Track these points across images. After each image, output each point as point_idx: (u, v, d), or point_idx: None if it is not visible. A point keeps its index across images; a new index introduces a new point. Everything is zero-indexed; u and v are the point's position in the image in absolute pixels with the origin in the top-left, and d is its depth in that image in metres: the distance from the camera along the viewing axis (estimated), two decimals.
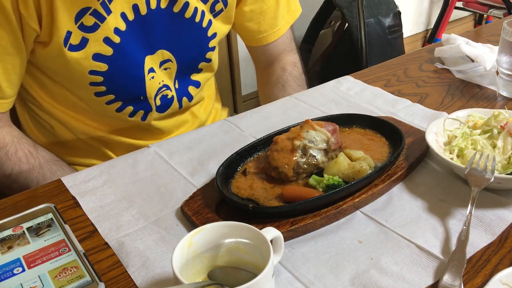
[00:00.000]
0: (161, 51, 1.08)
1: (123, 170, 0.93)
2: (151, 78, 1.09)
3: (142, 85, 1.08)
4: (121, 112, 1.10)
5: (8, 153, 1.03)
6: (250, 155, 0.90)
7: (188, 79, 1.19)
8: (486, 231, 0.73)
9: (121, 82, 1.06)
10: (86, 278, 0.68)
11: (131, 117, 1.12)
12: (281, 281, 0.68)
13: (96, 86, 1.04)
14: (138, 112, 1.12)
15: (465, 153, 0.84)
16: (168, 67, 1.11)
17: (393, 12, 2.63)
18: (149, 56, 1.07)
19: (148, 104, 1.12)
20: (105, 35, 0.98)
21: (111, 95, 1.07)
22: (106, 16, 0.96)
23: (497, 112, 0.88)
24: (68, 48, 0.96)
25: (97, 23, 0.96)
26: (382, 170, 0.82)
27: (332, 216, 0.76)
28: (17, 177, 1.04)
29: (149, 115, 1.14)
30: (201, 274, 0.65)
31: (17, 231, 0.76)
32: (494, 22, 1.90)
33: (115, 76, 1.03)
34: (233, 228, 0.65)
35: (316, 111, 1.08)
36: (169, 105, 1.16)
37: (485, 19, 3.90)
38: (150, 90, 1.10)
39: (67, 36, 0.95)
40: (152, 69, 1.08)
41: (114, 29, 0.98)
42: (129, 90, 1.08)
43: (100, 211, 0.82)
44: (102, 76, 1.02)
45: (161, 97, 1.13)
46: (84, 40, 0.97)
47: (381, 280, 0.66)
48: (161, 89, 1.12)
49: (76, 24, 0.95)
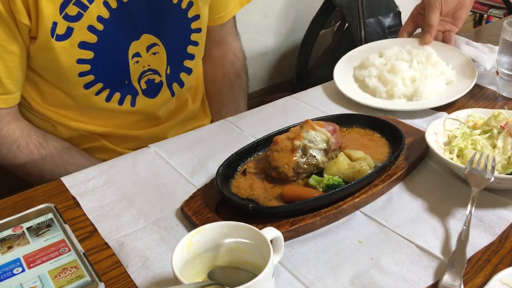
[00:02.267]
0: (146, 35, 1.10)
1: (123, 170, 0.93)
2: (135, 63, 1.11)
3: (126, 69, 1.11)
4: (110, 101, 1.12)
5: (20, 147, 1.06)
6: (250, 155, 0.90)
7: (181, 66, 1.21)
8: (486, 231, 0.73)
9: (107, 69, 1.08)
10: (86, 278, 0.68)
11: (121, 104, 1.14)
12: (281, 281, 0.68)
13: (84, 77, 1.06)
14: (126, 97, 1.14)
15: (465, 153, 0.84)
16: (157, 51, 1.14)
17: (393, 12, 2.63)
18: (135, 42, 1.09)
19: (133, 87, 1.14)
20: (89, 23, 1.01)
21: (100, 83, 1.09)
22: (89, 5, 0.99)
23: (497, 112, 0.88)
24: (55, 39, 0.99)
25: (80, 12, 0.99)
26: (382, 170, 0.82)
27: (332, 216, 0.76)
28: (31, 169, 1.08)
29: (138, 100, 1.16)
30: (201, 274, 0.65)
31: (17, 231, 0.76)
32: (494, 22, 1.90)
33: (101, 62, 1.06)
34: (233, 228, 0.65)
35: (316, 111, 1.08)
36: (158, 90, 1.18)
37: (485, 19, 3.90)
38: (134, 73, 1.13)
39: (53, 26, 0.98)
40: (138, 53, 1.11)
41: (97, 17, 1.01)
42: (114, 75, 1.11)
43: (100, 211, 0.82)
44: (89, 64, 1.05)
45: (146, 80, 1.15)
46: (69, 29, 0.99)
47: (381, 280, 0.66)
48: (146, 72, 1.14)
49: (61, 14, 0.98)
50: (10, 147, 1.06)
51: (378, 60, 1.17)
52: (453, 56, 1.17)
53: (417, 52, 1.16)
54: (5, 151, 1.06)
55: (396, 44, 1.22)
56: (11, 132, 1.06)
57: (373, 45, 1.26)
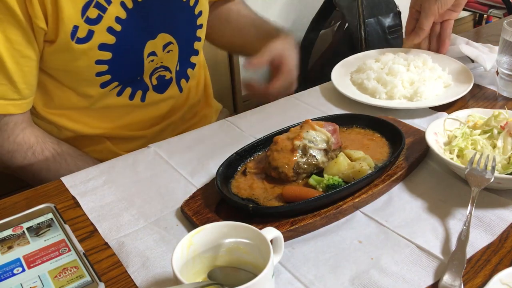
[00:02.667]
0: (162, 34, 1.11)
1: (123, 170, 0.93)
2: (150, 61, 1.12)
3: (141, 67, 1.11)
4: (121, 96, 1.13)
5: (35, 153, 1.06)
6: (250, 155, 0.90)
7: (188, 61, 1.22)
8: (486, 231, 0.73)
9: (123, 68, 1.09)
10: (86, 278, 0.68)
11: (131, 99, 1.15)
12: (281, 281, 0.68)
13: (101, 76, 1.06)
14: (137, 92, 1.15)
15: (465, 153, 0.84)
16: (171, 49, 1.15)
17: (393, 12, 2.63)
18: (151, 41, 1.10)
19: (144, 83, 1.15)
20: (108, 25, 1.01)
21: (115, 82, 1.09)
22: (107, 6, 1.00)
23: (497, 112, 0.88)
24: (75, 41, 0.99)
25: (100, 14, 0.99)
26: (382, 170, 0.82)
27: (332, 216, 0.76)
28: (46, 176, 1.07)
29: (148, 95, 1.17)
30: (201, 274, 0.65)
31: (17, 231, 0.76)
32: (494, 22, 1.90)
33: (118, 62, 1.07)
34: (233, 228, 0.65)
35: (316, 111, 1.08)
36: (167, 86, 1.19)
37: (485, 19, 3.90)
38: (147, 71, 1.13)
39: (74, 30, 0.98)
40: (154, 53, 1.11)
41: (115, 18, 1.02)
42: (129, 73, 1.11)
43: (100, 211, 0.82)
44: (107, 64, 1.05)
45: (157, 76, 1.16)
46: (90, 32, 1.00)
47: (381, 280, 0.66)
48: (158, 69, 1.15)
49: (82, 18, 0.98)
50: (26, 153, 1.05)
51: (375, 65, 1.17)
52: (448, 63, 1.18)
53: (413, 58, 1.17)
54: (21, 158, 1.05)
55: (390, 52, 1.23)
56: (26, 139, 1.05)
57: (367, 53, 1.28)
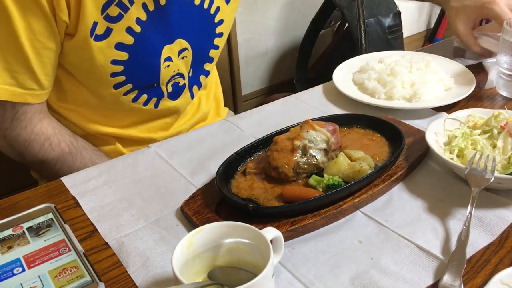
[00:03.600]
0: (179, 40, 1.11)
1: (123, 170, 0.93)
2: (166, 67, 1.12)
3: (157, 73, 1.11)
4: (136, 102, 1.13)
5: (52, 144, 1.07)
6: (250, 155, 0.90)
7: (202, 69, 1.22)
8: (486, 231, 0.74)
9: (139, 71, 1.09)
10: (86, 278, 0.68)
11: (145, 105, 1.15)
12: (281, 281, 0.68)
13: (116, 77, 1.06)
14: (152, 99, 1.15)
15: (465, 153, 0.84)
16: (185, 55, 1.14)
17: (393, 12, 2.63)
18: (168, 46, 1.09)
19: (161, 90, 1.15)
20: (127, 25, 1.01)
21: (129, 85, 1.09)
22: (130, 6, 1.00)
23: (497, 112, 0.88)
24: (93, 38, 0.99)
25: (121, 13, 0.99)
26: (382, 170, 0.82)
27: (332, 216, 0.76)
28: (60, 167, 1.08)
29: (161, 101, 1.17)
30: (201, 274, 0.65)
31: (17, 231, 0.76)
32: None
33: (135, 65, 1.06)
34: (233, 228, 0.65)
35: (316, 111, 1.08)
36: (180, 92, 1.19)
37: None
38: (164, 77, 1.13)
39: (93, 26, 0.98)
40: (170, 58, 1.11)
41: (136, 19, 1.02)
42: (145, 78, 1.11)
43: (100, 211, 0.82)
44: (123, 65, 1.05)
45: (173, 84, 1.16)
46: (108, 30, 1.00)
47: (381, 280, 0.66)
48: (174, 76, 1.15)
49: (102, 14, 0.98)
50: (43, 144, 1.06)
51: (378, 65, 1.18)
52: (451, 66, 1.19)
53: (417, 60, 1.18)
54: (37, 148, 1.06)
55: (396, 54, 1.24)
56: (44, 129, 1.06)
57: (372, 54, 1.28)
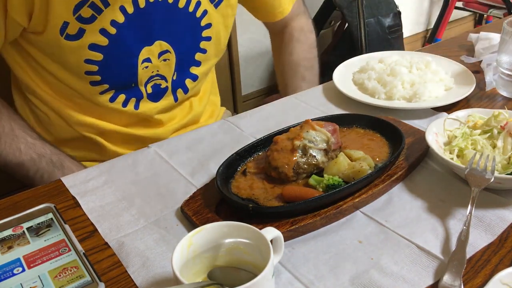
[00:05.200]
0: (159, 42, 1.10)
1: (123, 170, 0.93)
2: (144, 68, 1.11)
3: (134, 73, 1.10)
4: (114, 102, 1.12)
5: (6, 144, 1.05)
6: (250, 155, 0.90)
7: (187, 72, 1.20)
8: (486, 231, 0.73)
9: (115, 71, 1.08)
10: (86, 278, 0.68)
11: (124, 106, 1.14)
12: (281, 281, 0.68)
13: (91, 76, 1.06)
14: (131, 100, 1.14)
15: (465, 153, 0.84)
16: (167, 58, 1.13)
17: (393, 12, 2.63)
18: (147, 47, 1.09)
19: (139, 91, 1.14)
20: (101, 26, 1.00)
21: (105, 85, 1.08)
22: (104, 8, 0.99)
23: (497, 112, 0.88)
24: (64, 37, 0.99)
25: (94, 15, 0.99)
26: (382, 170, 0.82)
27: (332, 216, 0.76)
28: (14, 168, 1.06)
29: (141, 103, 1.16)
30: (201, 274, 0.65)
31: (17, 231, 0.76)
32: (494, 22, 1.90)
33: (110, 65, 1.06)
34: (233, 228, 0.65)
35: (316, 111, 1.08)
36: (161, 94, 1.18)
37: (485, 19, 3.90)
38: (142, 78, 1.12)
39: (64, 26, 0.97)
40: (149, 59, 1.10)
41: (110, 21, 1.01)
42: (122, 78, 1.10)
43: (100, 211, 0.82)
44: (97, 65, 1.04)
45: (153, 85, 1.15)
46: (81, 30, 0.99)
47: (381, 280, 0.66)
48: (154, 77, 1.14)
49: (74, 15, 0.97)
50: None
51: (378, 65, 1.18)
52: (452, 66, 1.19)
53: (417, 60, 1.18)
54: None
55: (396, 54, 1.24)
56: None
57: (372, 54, 1.28)
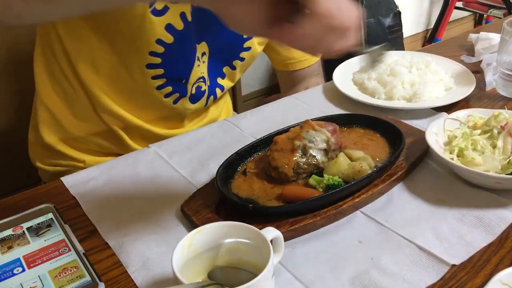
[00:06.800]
0: (204, 43, 1.10)
1: (123, 170, 0.93)
2: (197, 66, 1.12)
3: (189, 68, 1.11)
4: (160, 90, 1.12)
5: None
6: (250, 155, 0.90)
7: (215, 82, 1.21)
8: (486, 231, 0.73)
9: (177, 59, 1.08)
10: (86, 278, 0.68)
11: (167, 97, 1.14)
12: (281, 281, 0.68)
13: (153, 57, 1.05)
14: (174, 94, 1.14)
15: (465, 153, 0.84)
16: (204, 60, 1.14)
17: (393, 12, 2.63)
18: (197, 45, 1.10)
19: (185, 89, 1.14)
20: (181, 10, 1.02)
21: (161, 70, 1.08)
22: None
23: (497, 112, 0.88)
24: (151, 11, 0.99)
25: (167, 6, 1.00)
26: (382, 170, 0.82)
27: (332, 216, 0.76)
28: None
29: (181, 100, 1.16)
30: (201, 274, 0.65)
31: (17, 231, 0.76)
32: (494, 22, 1.90)
33: (175, 51, 1.06)
34: (233, 228, 0.65)
35: (316, 111, 1.08)
36: (200, 97, 1.18)
37: (485, 19, 3.91)
38: (193, 76, 1.12)
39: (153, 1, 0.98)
40: (198, 58, 1.11)
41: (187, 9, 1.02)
42: (178, 69, 1.10)
43: (100, 211, 0.82)
44: (165, 47, 1.04)
45: (196, 86, 1.15)
46: (166, 7, 1.00)
47: (381, 280, 0.66)
48: (199, 79, 1.15)
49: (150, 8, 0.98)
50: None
51: None
52: (452, 67, 1.19)
53: (417, 60, 1.18)
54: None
55: (396, 54, 1.24)
56: None
57: None
